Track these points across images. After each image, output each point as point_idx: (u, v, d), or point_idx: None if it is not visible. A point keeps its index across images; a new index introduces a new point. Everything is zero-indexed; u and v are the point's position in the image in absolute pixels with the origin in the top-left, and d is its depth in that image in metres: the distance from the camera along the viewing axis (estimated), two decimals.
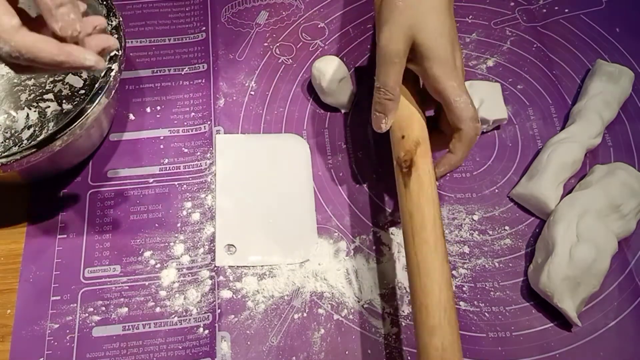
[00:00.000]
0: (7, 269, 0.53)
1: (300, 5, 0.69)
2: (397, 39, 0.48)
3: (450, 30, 0.48)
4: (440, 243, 0.45)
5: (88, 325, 0.51)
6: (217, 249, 0.54)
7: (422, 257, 0.45)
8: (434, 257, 0.44)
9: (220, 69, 0.64)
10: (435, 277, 0.44)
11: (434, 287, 0.43)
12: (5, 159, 0.47)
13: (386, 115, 0.50)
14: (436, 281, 0.43)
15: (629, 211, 0.53)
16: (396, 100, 0.50)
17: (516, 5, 0.70)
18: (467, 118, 0.48)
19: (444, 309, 0.42)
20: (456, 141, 0.49)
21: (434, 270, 0.44)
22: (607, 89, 0.60)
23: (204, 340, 0.50)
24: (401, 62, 0.49)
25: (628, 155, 0.60)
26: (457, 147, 0.50)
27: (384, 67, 0.49)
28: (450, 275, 0.45)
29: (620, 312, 0.52)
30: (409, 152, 0.49)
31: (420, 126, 0.50)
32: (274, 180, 0.58)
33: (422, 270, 0.44)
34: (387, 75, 0.49)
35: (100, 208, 0.56)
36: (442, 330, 0.42)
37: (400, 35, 0.48)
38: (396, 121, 0.51)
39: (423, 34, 0.47)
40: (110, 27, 0.54)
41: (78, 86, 0.62)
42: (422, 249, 0.45)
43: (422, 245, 0.45)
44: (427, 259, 0.44)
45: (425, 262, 0.44)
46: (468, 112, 0.48)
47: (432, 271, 0.44)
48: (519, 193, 0.57)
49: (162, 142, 0.60)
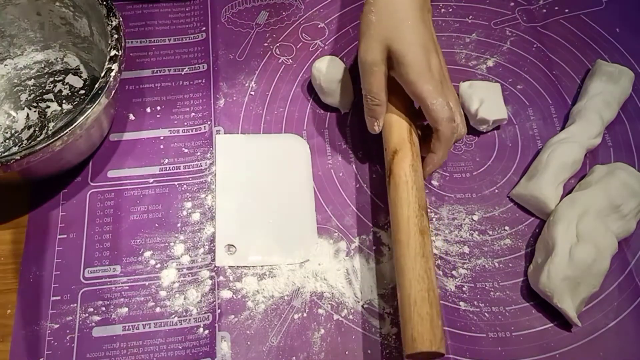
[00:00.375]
0: (7, 269, 0.53)
1: (300, 5, 0.69)
2: (374, 49, 0.52)
3: (423, 38, 0.52)
4: (414, 240, 0.48)
5: (88, 326, 0.51)
6: (217, 249, 0.54)
7: (397, 256, 0.49)
8: (406, 255, 0.48)
9: (220, 69, 0.64)
10: (406, 273, 0.47)
11: (405, 283, 0.47)
12: (5, 159, 0.47)
13: (377, 118, 0.55)
14: (407, 277, 0.47)
15: (629, 211, 0.53)
16: (382, 104, 0.54)
17: (516, 5, 0.70)
18: (443, 119, 0.51)
19: (413, 302, 0.46)
20: (435, 141, 0.53)
21: (405, 267, 0.47)
22: (607, 89, 0.60)
23: (204, 341, 0.50)
24: (380, 70, 0.53)
25: (628, 155, 0.60)
26: (436, 147, 0.53)
27: (365, 76, 0.54)
28: (425, 270, 0.47)
29: (620, 312, 0.52)
30: (388, 162, 0.53)
31: (398, 135, 0.54)
32: (274, 180, 0.58)
33: (397, 267, 0.49)
34: (370, 83, 0.53)
35: (100, 208, 0.56)
36: (411, 322, 0.45)
37: (376, 45, 0.52)
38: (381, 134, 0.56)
39: (397, 43, 0.51)
40: (110, 27, 0.54)
41: (78, 86, 0.62)
42: (396, 248, 0.49)
43: (397, 245, 0.49)
44: (400, 258, 0.48)
45: (398, 260, 0.49)
46: (444, 114, 0.51)
47: (404, 268, 0.48)
48: (518, 193, 0.57)
49: (162, 142, 0.60)
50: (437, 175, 0.59)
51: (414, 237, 0.48)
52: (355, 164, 0.59)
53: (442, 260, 0.54)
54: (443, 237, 0.55)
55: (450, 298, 0.52)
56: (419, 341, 0.44)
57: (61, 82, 0.62)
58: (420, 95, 0.51)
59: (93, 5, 0.56)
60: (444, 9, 0.69)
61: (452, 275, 0.53)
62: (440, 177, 0.59)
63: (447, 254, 0.54)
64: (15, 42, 0.62)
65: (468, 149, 0.60)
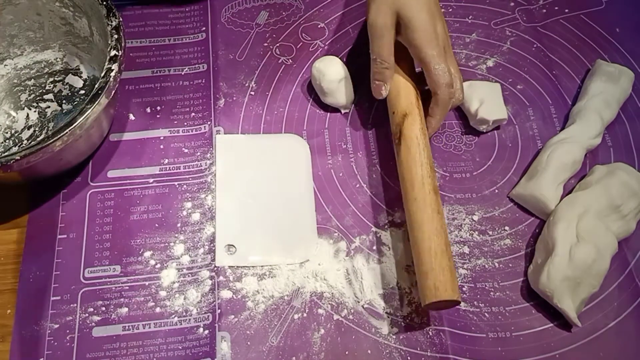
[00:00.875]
0: (7, 269, 0.53)
1: (300, 6, 0.69)
2: (384, 13, 0.54)
3: (429, 4, 0.54)
4: (430, 198, 0.51)
5: (88, 325, 0.51)
6: (217, 249, 0.54)
7: (412, 212, 0.51)
8: (423, 211, 0.50)
9: (220, 69, 0.64)
10: (424, 228, 0.49)
11: (424, 237, 0.49)
12: (5, 159, 0.47)
13: (385, 82, 0.57)
14: (425, 231, 0.49)
15: (629, 211, 0.53)
16: (391, 68, 0.56)
17: (516, 5, 0.70)
18: (443, 84, 0.54)
19: (434, 254, 0.48)
20: (434, 105, 0.55)
21: (423, 222, 0.50)
22: (607, 89, 0.60)
23: (204, 341, 0.50)
24: (390, 34, 0.55)
25: (628, 156, 0.60)
26: (434, 111, 0.55)
27: (375, 40, 0.56)
28: (441, 225, 0.50)
29: (620, 312, 0.52)
30: (397, 125, 0.55)
31: (406, 99, 0.56)
32: (274, 180, 0.58)
33: (414, 224, 0.50)
34: (380, 46, 0.55)
35: (100, 208, 0.56)
36: (433, 273, 0.48)
37: (386, 10, 0.54)
38: (387, 100, 0.58)
39: (405, 8, 0.53)
40: (110, 27, 0.54)
41: (78, 86, 0.62)
42: (412, 205, 0.51)
43: (412, 202, 0.51)
44: (416, 214, 0.50)
45: (415, 216, 0.50)
46: (445, 79, 0.54)
47: (421, 224, 0.50)
48: (518, 193, 0.57)
49: (162, 142, 0.60)
50: (437, 175, 0.59)
51: (429, 195, 0.51)
52: (355, 164, 0.59)
53: None
54: None
55: None
56: (442, 290, 0.47)
57: (61, 82, 0.62)
58: (425, 59, 0.54)
59: (93, 5, 0.56)
60: (444, 9, 0.68)
61: None
62: (440, 177, 0.59)
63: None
64: (15, 42, 0.62)
65: (468, 149, 0.60)
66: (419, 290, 0.49)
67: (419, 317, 0.51)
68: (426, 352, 0.50)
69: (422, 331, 0.51)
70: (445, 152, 0.60)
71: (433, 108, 0.55)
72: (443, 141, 0.61)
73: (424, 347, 0.50)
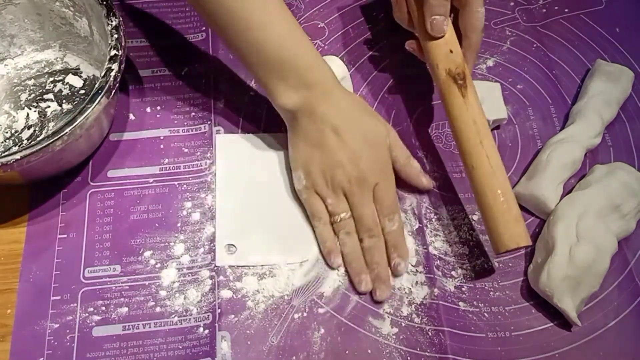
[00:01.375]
0: (7, 269, 0.53)
1: (300, 5, 0.69)
2: None
3: None
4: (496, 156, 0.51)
5: (88, 325, 0.51)
6: (217, 248, 0.54)
7: (494, 156, 0.51)
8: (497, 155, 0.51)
9: (220, 69, 0.64)
10: (503, 172, 0.51)
11: (506, 182, 0.50)
12: (5, 159, 0.47)
13: (446, 16, 0.54)
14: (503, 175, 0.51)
15: (629, 211, 0.53)
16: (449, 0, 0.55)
17: (516, 5, 0.70)
18: (480, 28, 0.54)
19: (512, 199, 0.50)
20: (466, 50, 0.55)
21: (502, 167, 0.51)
22: (607, 89, 0.60)
23: (204, 340, 0.50)
24: None
25: (628, 155, 0.60)
26: (467, 57, 0.55)
27: None
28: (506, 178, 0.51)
29: (620, 312, 0.52)
30: (461, 64, 0.54)
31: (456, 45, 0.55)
32: (274, 180, 0.58)
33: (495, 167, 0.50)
34: None
35: (100, 208, 0.56)
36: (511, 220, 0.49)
37: None
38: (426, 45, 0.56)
39: None
40: (110, 27, 0.54)
41: (78, 86, 0.62)
42: (492, 151, 0.51)
43: (492, 147, 0.51)
44: (497, 157, 0.51)
45: (496, 159, 0.51)
46: (482, 24, 0.54)
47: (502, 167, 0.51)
48: (518, 193, 0.57)
49: (162, 142, 0.60)
50: (438, 175, 0.59)
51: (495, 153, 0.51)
52: None
53: (442, 260, 0.54)
54: (443, 237, 0.55)
55: (450, 298, 0.52)
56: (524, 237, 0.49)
57: (61, 82, 0.62)
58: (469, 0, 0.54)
59: (93, 5, 0.56)
60: None
61: (452, 276, 0.53)
62: (440, 177, 0.59)
63: (447, 254, 0.54)
64: (15, 42, 0.62)
65: None
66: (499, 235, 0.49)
67: (419, 317, 0.51)
68: (426, 352, 0.50)
69: (422, 331, 0.51)
70: (445, 152, 0.60)
71: (465, 54, 0.55)
72: (443, 141, 0.61)
73: (424, 347, 0.50)
